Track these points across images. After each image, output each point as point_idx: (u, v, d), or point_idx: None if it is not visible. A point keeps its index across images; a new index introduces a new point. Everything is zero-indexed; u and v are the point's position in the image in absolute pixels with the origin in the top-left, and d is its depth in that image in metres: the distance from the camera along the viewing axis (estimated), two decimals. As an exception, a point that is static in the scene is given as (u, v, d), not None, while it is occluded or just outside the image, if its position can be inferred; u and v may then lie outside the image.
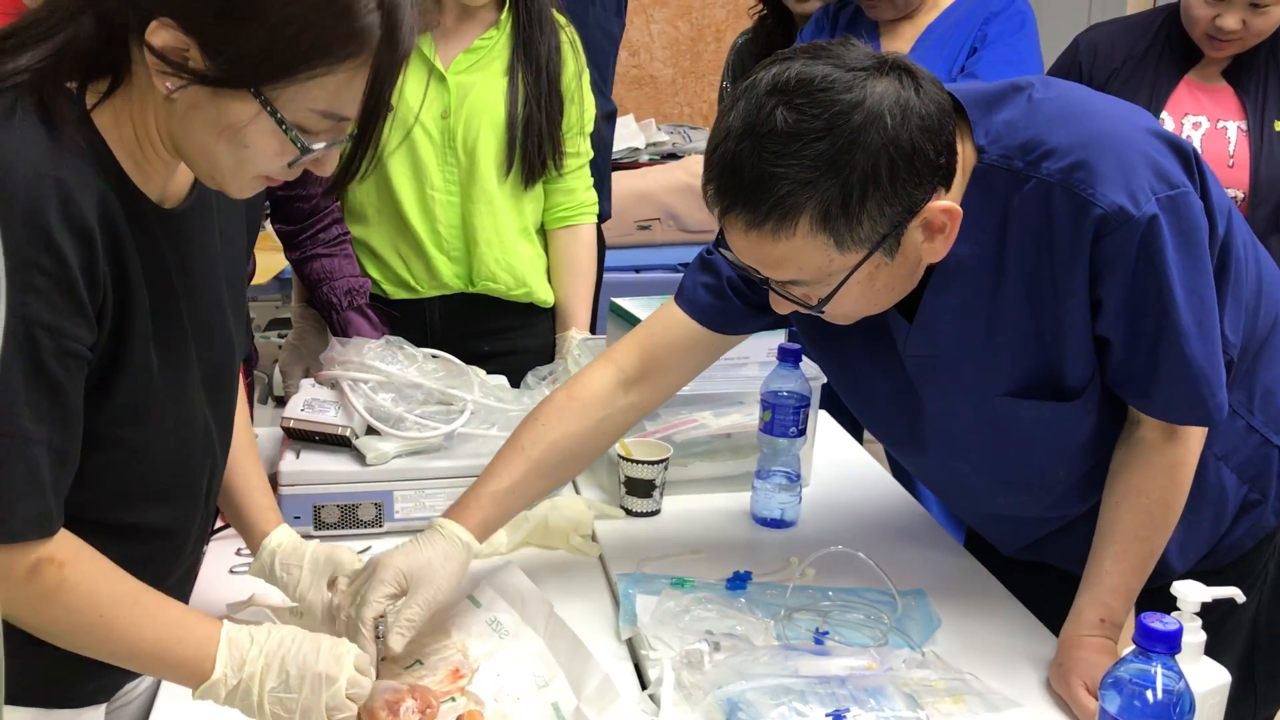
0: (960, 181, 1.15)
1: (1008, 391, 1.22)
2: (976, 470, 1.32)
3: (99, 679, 1.06)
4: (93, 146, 0.91)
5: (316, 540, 1.28)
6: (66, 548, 0.92)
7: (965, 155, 1.15)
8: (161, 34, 0.87)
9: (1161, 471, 1.22)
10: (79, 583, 0.92)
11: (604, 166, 2.69)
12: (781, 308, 1.19)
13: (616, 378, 1.36)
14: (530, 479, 1.32)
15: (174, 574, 1.10)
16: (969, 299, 1.20)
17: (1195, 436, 1.22)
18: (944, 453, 1.33)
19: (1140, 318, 1.14)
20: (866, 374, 1.34)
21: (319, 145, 0.93)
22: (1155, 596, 1.22)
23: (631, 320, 1.66)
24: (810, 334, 1.37)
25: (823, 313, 1.17)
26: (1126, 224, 1.09)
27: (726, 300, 1.34)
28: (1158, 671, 0.92)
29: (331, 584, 1.22)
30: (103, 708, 1.08)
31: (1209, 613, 1.06)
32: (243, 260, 1.16)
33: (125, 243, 0.94)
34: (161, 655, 0.98)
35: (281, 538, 1.23)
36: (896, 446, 1.43)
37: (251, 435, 1.28)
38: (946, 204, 1.10)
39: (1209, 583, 1.06)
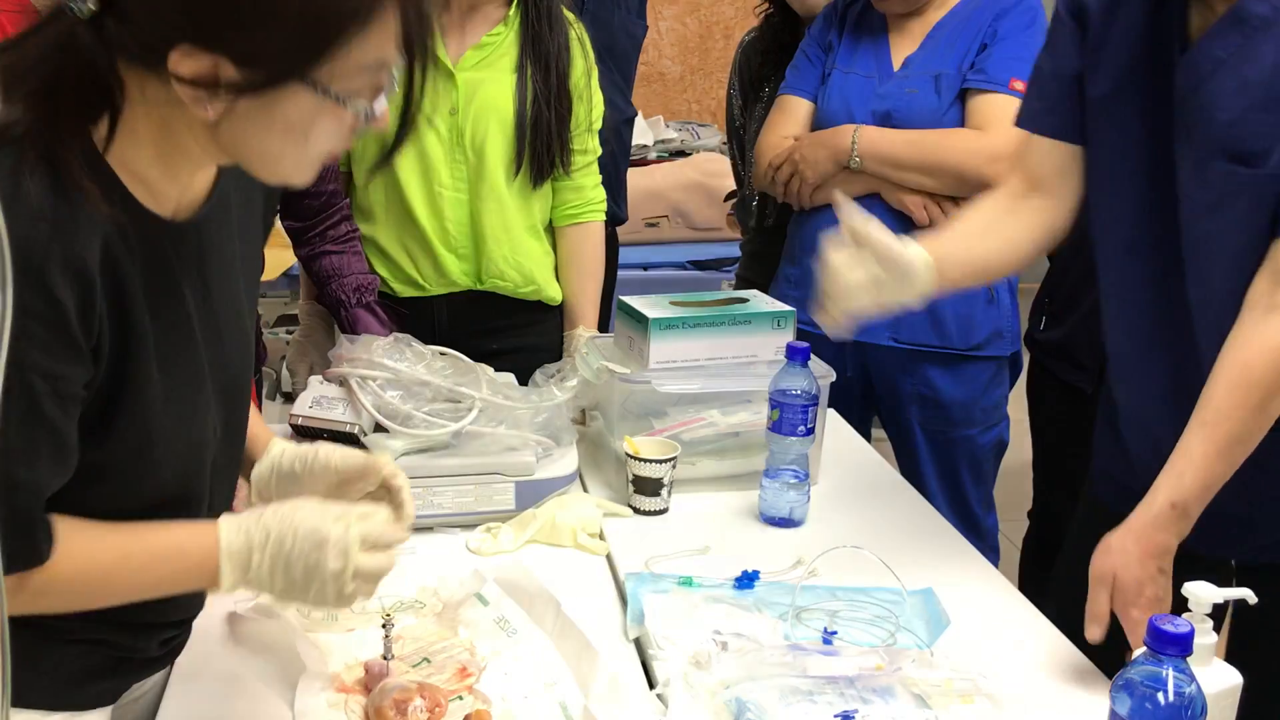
0: None
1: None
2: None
3: (106, 682, 1.06)
4: (99, 183, 0.89)
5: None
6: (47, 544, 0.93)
7: None
8: (186, 63, 0.85)
9: (1268, 349, 1.16)
10: (65, 572, 0.93)
11: (621, 171, 2.69)
12: None
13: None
14: None
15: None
16: (1231, 57, 1.17)
17: None
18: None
19: None
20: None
21: (379, 105, 0.92)
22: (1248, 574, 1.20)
23: (639, 318, 1.66)
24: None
25: None
26: None
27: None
28: (1169, 674, 0.91)
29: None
30: (109, 710, 1.08)
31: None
32: (260, 258, 1.15)
33: (130, 279, 0.92)
34: (173, 588, 1.01)
35: (286, 444, 1.20)
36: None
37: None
38: None
39: None
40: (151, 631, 1.09)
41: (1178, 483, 1.19)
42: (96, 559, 0.95)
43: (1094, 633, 1.17)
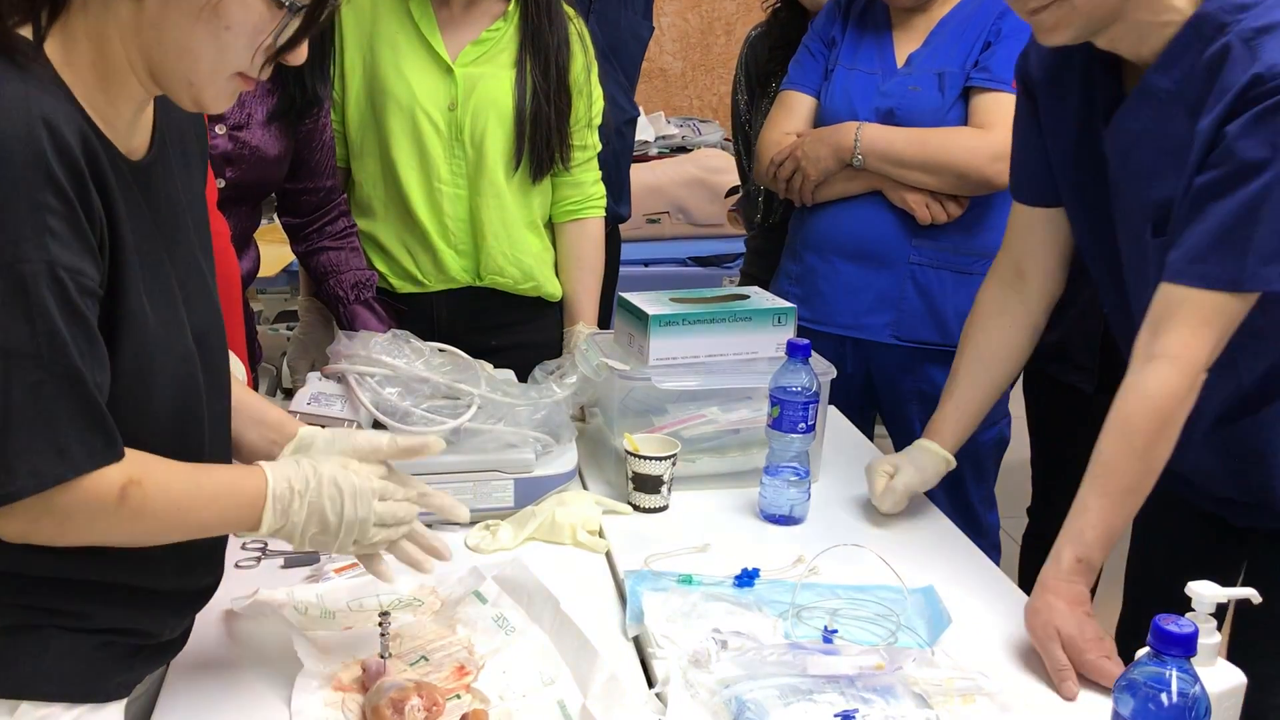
0: None
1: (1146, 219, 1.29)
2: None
3: (125, 674, 1.06)
4: (60, 88, 0.91)
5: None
6: (138, 465, 0.96)
7: None
8: None
9: (1145, 398, 1.23)
10: (158, 493, 0.97)
11: (624, 170, 2.68)
12: None
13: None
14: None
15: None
16: (1144, 131, 1.27)
17: (1183, 364, 1.22)
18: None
19: (1219, 169, 1.18)
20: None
21: (287, 18, 0.94)
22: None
23: (639, 315, 1.65)
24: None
25: None
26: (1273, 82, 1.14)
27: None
28: (1172, 675, 0.90)
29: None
30: (123, 703, 1.08)
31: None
32: (207, 223, 1.15)
33: (108, 181, 0.93)
34: (220, 527, 1.07)
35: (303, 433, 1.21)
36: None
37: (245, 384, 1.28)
38: None
39: None
40: (173, 607, 1.09)
41: (1079, 539, 1.25)
42: (173, 484, 0.99)
43: (1070, 689, 1.19)
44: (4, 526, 0.92)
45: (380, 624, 1.15)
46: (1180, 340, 1.21)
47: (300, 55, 0.98)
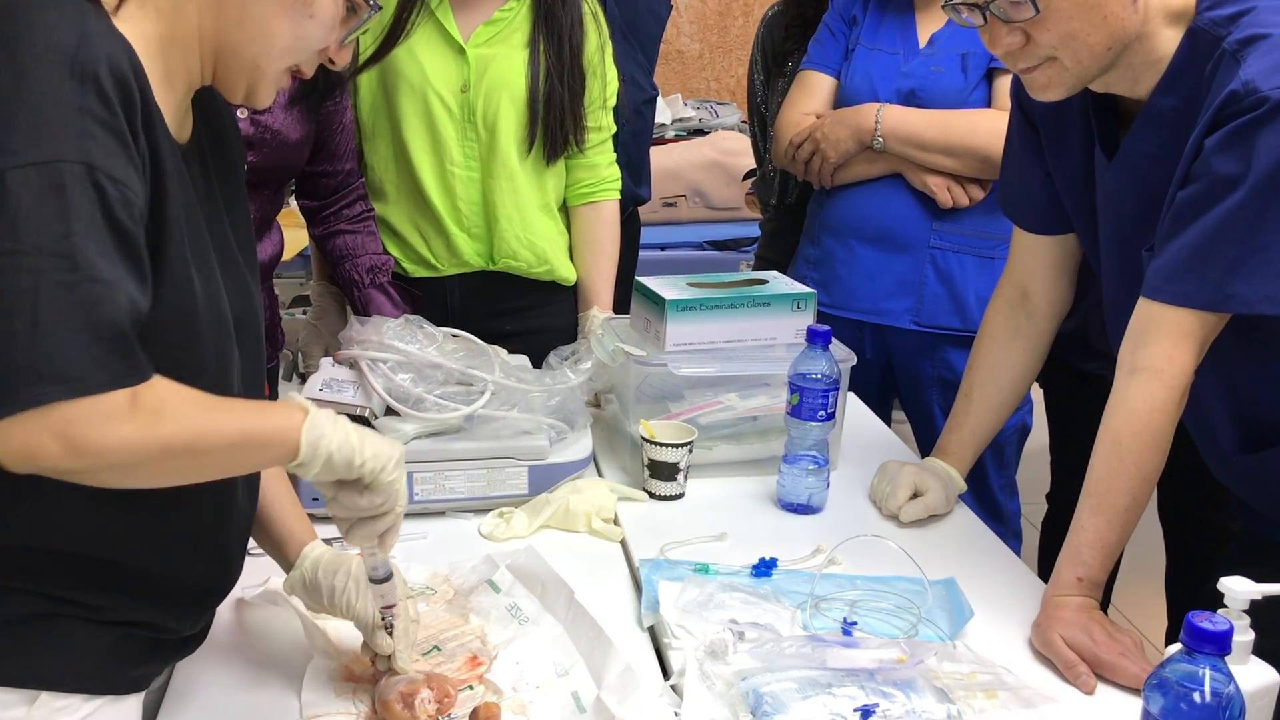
0: (1163, 9, 1.23)
1: (1147, 246, 1.28)
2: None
3: (144, 666, 1.05)
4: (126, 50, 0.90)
5: (356, 553, 1.22)
6: (155, 379, 0.87)
7: (1181, 1, 1.23)
8: None
9: (1132, 413, 1.23)
10: (175, 395, 0.88)
11: (644, 151, 2.65)
12: (998, 41, 1.24)
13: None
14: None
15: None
16: (1158, 151, 1.25)
17: (1166, 376, 1.22)
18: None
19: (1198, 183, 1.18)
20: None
21: (366, 17, 1.01)
22: None
23: (655, 299, 1.62)
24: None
25: (1040, 35, 1.21)
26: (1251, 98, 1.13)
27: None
28: (1205, 674, 0.88)
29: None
30: (142, 695, 1.06)
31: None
32: (250, 234, 1.14)
33: (156, 126, 0.91)
34: (253, 450, 0.96)
35: (322, 549, 1.19)
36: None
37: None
38: None
39: None
40: (194, 601, 1.07)
41: (1077, 558, 1.26)
42: (198, 396, 0.90)
43: (1087, 683, 1.18)
44: (2, 445, 0.82)
45: (385, 621, 1.13)
46: (1162, 353, 1.22)
47: (346, 56, 1.04)
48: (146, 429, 0.85)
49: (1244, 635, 0.98)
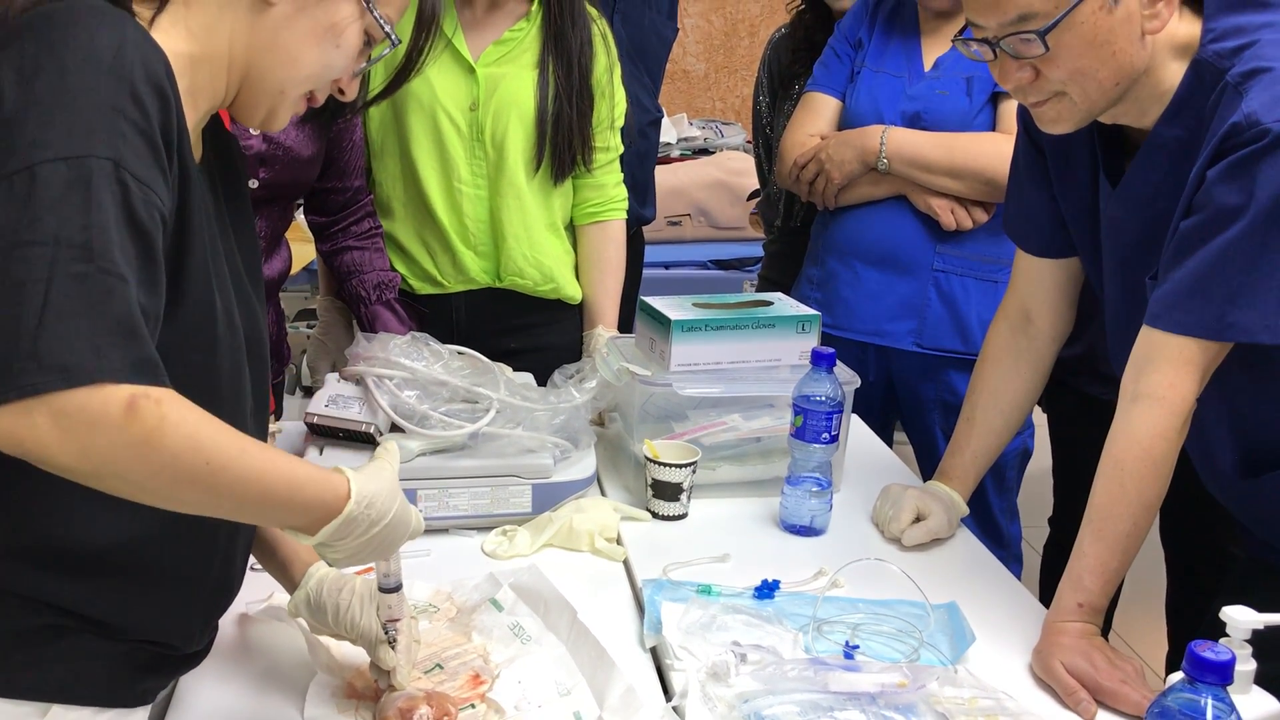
0: (1170, 43, 1.25)
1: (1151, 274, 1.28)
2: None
3: (152, 680, 1.05)
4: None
5: (356, 573, 1.23)
6: (162, 388, 0.83)
7: (1187, 34, 1.24)
8: None
9: (1134, 440, 1.24)
10: (180, 423, 0.83)
11: (649, 171, 2.67)
12: (1008, 76, 1.25)
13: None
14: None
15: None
16: (1162, 180, 1.26)
17: (1168, 403, 1.22)
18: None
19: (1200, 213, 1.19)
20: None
21: (385, 51, 1.05)
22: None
23: (661, 319, 1.63)
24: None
25: (1049, 70, 1.22)
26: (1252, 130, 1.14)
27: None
28: (1208, 704, 0.88)
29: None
30: (149, 708, 1.07)
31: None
32: (258, 264, 1.15)
33: (185, 141, 0.92)
34: (291, 493, 0.93)
35: (325, 569, 1.19)
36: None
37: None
38: None
39: None
40: (198, 614, 1.07)
41: (1078, 584, 1.26)
42: (206, 431, 0.86)
43: (1087, 709, 1.19)
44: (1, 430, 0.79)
45: (389, 635, 1.13)
46: (1165, 380, 1.23)
47: (355, 87, 1.07)
48: (132, 449, 0.81)
49: (1246, 665, 0.98)
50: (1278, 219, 1.15)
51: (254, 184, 1.69)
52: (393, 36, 1.04)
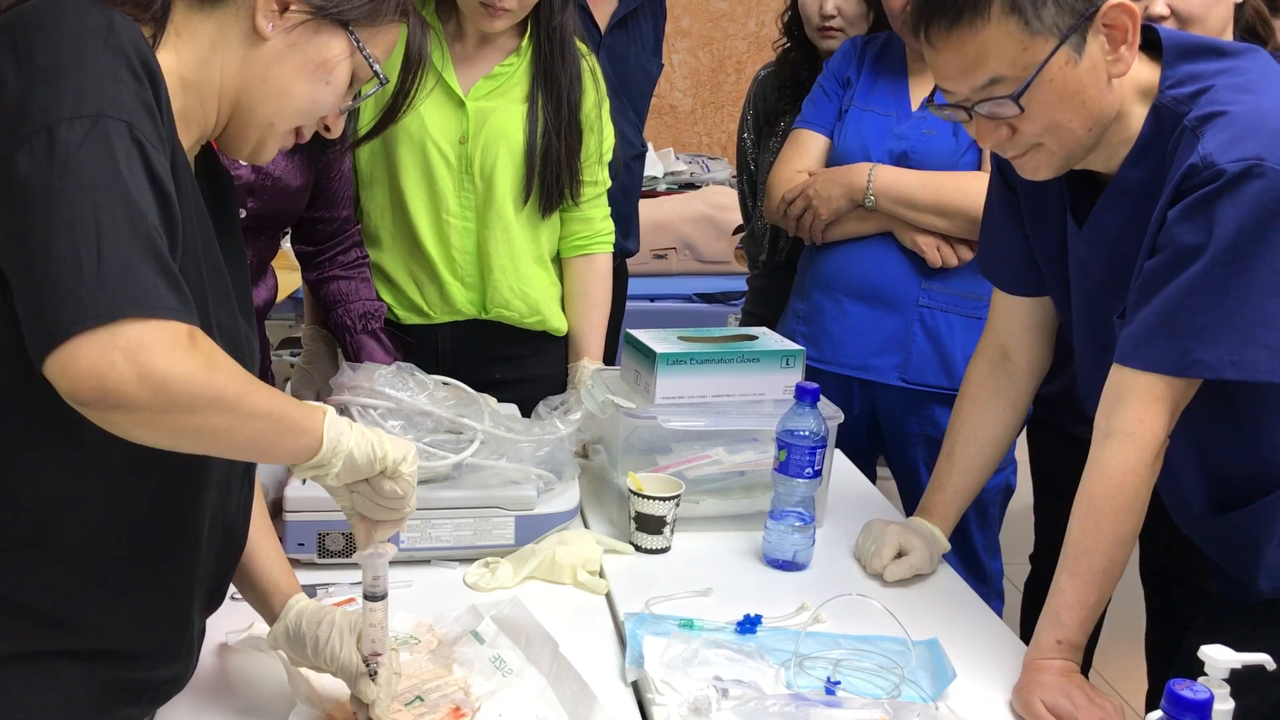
0: (1134, 87, 1.27)
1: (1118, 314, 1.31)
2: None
3: (132, 707, 1.05)
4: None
5: (335, 604, 1.22)
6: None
7: (1148, 78, 1.27)
8: None
9: (1106, 476, 1.25)
10: (224, 355, 0.89)
11: (633, 205, 2.69)
12: (985, 136, 1.28)
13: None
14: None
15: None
16: (1126, 222, 1.29)
17: (1139, 440, 1.24)
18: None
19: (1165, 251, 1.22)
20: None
21: (373, 90, 1.08)
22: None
23: (646, 352, 1.63)
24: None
25: (1024, 126, 1.25)
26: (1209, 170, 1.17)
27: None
28: (1186, 741, 0.88)
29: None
30: None
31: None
32: (248, 280, 1.15)
33: (174, 128, 0.94)
34: (271, 437, 0.95)
35: (306, 601, 1.19)
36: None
37: (265, 509, 1.25)
38: (1124, 1, 1.20)
39: None
40: (175, 635, 1.07)
41: (1057, 622, 1.27)
42: (236, 366, 0.90)
43: None
44: (73, 365, 0.80)
45: (370, 668, 1.12)
46: (1135, 417, 1.25)
47: (341, 124, 1.09)
48: (206, 368, 0.85)
49: (1224, 704, 0.99)
50: (1237, 256, 1.17)
51: (242, 213, 1.69)
52: (380, 75, 1.06)
